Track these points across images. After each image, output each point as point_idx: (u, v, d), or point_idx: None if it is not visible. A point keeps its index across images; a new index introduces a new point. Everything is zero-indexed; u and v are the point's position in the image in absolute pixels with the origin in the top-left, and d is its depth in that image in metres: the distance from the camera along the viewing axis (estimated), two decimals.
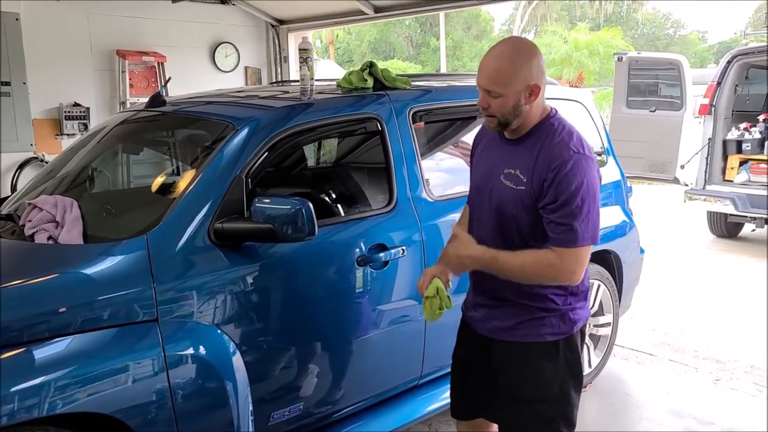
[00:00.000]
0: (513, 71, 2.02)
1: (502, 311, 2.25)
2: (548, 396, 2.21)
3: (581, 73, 25.06)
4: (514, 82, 2.02)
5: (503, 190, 2.14)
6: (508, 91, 2.03)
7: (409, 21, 34.40)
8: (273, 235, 2.36)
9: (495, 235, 2.20)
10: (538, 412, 2.21)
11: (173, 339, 2.25)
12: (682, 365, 4.44)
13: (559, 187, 2.00)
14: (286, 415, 2.64)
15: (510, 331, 2.24)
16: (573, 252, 2.03)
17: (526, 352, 2.21)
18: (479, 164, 2.33)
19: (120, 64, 6.95)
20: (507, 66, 2.03)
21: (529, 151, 2.10)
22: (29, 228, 2.53)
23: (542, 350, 2.20)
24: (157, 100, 3.20)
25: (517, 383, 2.24)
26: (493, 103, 2.06)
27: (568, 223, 2.01)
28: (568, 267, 2.05)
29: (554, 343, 2.20)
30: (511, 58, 2.04)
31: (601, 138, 4.16)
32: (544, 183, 2.03)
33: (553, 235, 2.05)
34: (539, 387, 2.21)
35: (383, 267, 2.86)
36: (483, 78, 2.06)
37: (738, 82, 8.03)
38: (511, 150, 2.17)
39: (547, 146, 2.07)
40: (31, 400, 1.94)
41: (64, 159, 3.30)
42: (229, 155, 2.56)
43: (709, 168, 8.02)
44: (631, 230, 4.15)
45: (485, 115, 2.12)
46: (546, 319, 2.20)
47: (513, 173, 2.12)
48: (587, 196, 2.01)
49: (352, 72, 3.28)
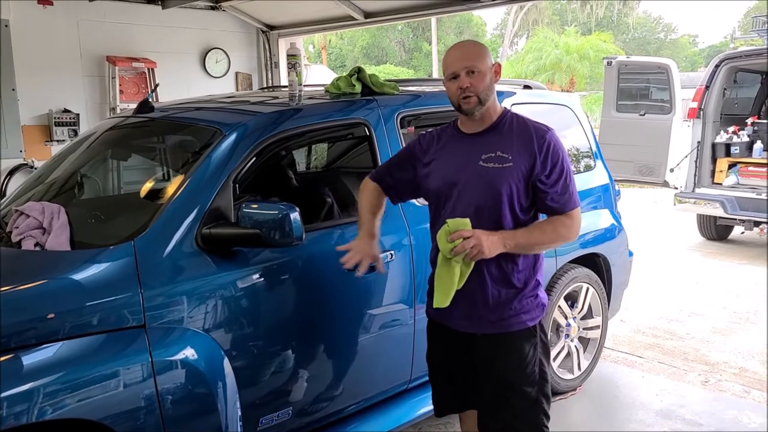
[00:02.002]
0: (482, 50, 2.33)
1: (483, 306, 2.33)
2: (531, 378, 2.36)
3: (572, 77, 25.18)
4: (485, 59, 2.30)
5: (489, 172, 2.28)
6: (484, 67, 2.27)
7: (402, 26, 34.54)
8: (261, 241, 2.37)
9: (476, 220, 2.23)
10: (525, 395, 2.35)
11: (161, 345, 2.25)
12: (671, 367, 4.46)
13: (552, 160, 2.27)
14: (275, 420, 2.64)
15: (494, 323, 2.34)
16: (576, 212, 2.34)
17: (511, 341, 2.34)
18: (441, 163, 2.40)
19: (110, 70, 6.93)
20: (475, 48, 2.34)
21: (502, 137, 2.32)
22: (16, 234, 2.52)
23: (524, 336, 2.37)
24: (145, 106, 3.20)
25: (507, 370, 2.35)
26: (474, 80, 2.26)
27: (566, 189, 2.29)
28: (577, 225, 2.36)
29: (533, 327, 2.38)
30: (473, 44, 2.38)
31: (589, 141, 4.18)
32: (537, 157, 2.26)
33: (556, 204, 2.30)
34: (524, 371, 2.35)
35: (372, 271, 2.86)
36: (460, 61, 2.28)
37: (726, 86, 8.09)
38: (479, 141, 2.34)
39: (523, 128, 2.32)
40: (19, 407, 1.94)
41: (52, 165, 3.30)
42: (217, 161, 2.57)
43: (699, 171, 8.06)
44: (620, 233, 4.18)
45: (463, 96, 2.27)
46: (524, 305, 2.34)
47: (494, 155, 2.28)
48: (568, 164, 2.33)
49: (340, 77, 3.29)
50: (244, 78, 8.24)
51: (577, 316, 3.95)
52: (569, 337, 3.90)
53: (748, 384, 4.20)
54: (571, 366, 3.93)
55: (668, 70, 8.27)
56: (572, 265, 3.83)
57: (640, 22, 39.65)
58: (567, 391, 3.91)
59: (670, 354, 4.71)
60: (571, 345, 3.92)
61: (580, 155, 4.13)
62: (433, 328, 2.54)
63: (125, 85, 7.06)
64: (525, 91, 3.98)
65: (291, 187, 3.49)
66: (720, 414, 3.79)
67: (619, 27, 37.59)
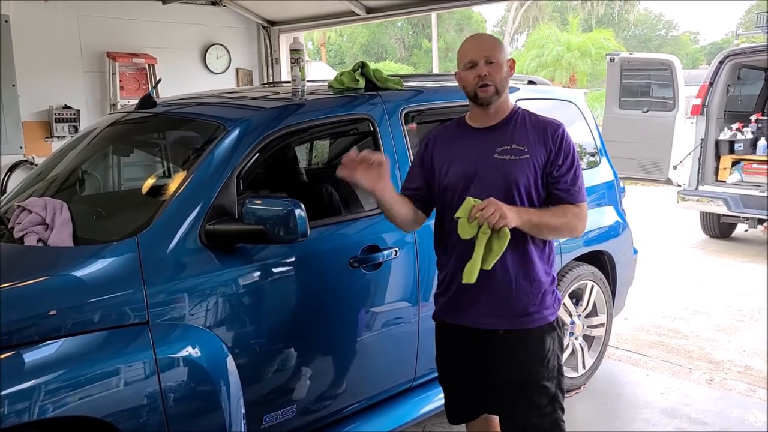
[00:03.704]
0: (498, 43, 2.35)
1: (509, 302, 2.31)
2: (550, 374, 2.35)
3: (573, 74, 25.14)
4: (502, 51, 2.31)
5: (505, 164, 2.28)
6: (501, 58, 2.29)
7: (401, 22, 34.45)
8: (265, 237, 2.34)
9: None
10: (545, 390, 2.33)
11: (164, 342, 2.22)
12: (675, 366, 4.44)
13: (565, 152, 2.29)
14: (278, 417, 2.62)
15: (521, 319, 2.32)
16: (584, 205, 2.34)
17: (535, 336, 2.33)
18: (455, 156, 2.37)
19: (110, 66, 6.90)
20: (492, 40, 2.37)
21: (516, 129, 2.33)
22: (18, 231, 2.50)
23: (546, 331, 2.36)
24: (147, 101, 3.17)
25: (529, 366, 2.33)
26: (492, 69, 2.26)
27: (575, 181, 2.31)
28: (585, 218, 2.35)
29: (553, 322, 2.38)
30: (490, 36, 2.43)
31: (594, 138, 4.16)
32: (552, 149, 2.28)
33: (566, 195, 2.30)
34: (546, 366, 2.34)
35: (376, 269, 2.85)
36: (480, 50, 2.28)
37: (730, 83, 8.06)
38: (492, 134, 2.34)
39: (533, 122, 2.34)
40: (21, 404, 1.92)
41: (53, 161, 3.28)
42: (220, 156, 2.54)
43: (702, 168, 8.04)
44: (625, 231, 4.16)
45: (481, 85, 2.26)
46: (546, 300, 2.34)
47: (510, 148, 2.29)
48: (577, 159, 2.35)
49: (344, 72, 3.26)
50: (245, 74, 8.21)
51: (582, 314, 3.93)
52: (574, 335, 3.88)
53: (753, 382, 4.18)
54: (575, 364, 3.91)
55: (671, 67, 8.25)
56: (577, 262, 3.80)
57: (641, 19, 39.59)
58: (571, 389, 3.88)
59: (675, 352, 4.68)
60: (576, 343, 3.90)
61: (584, 152, 4.09)
62: (442, 331, 2.49)
63: (126, 81, 7.03)
64: (529, 87, 3.95)
65: (295, 182, 3.46)
66: (725, 412, 3.77)
67: (620, 24, 37.53)
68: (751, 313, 5.53)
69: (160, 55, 7.22)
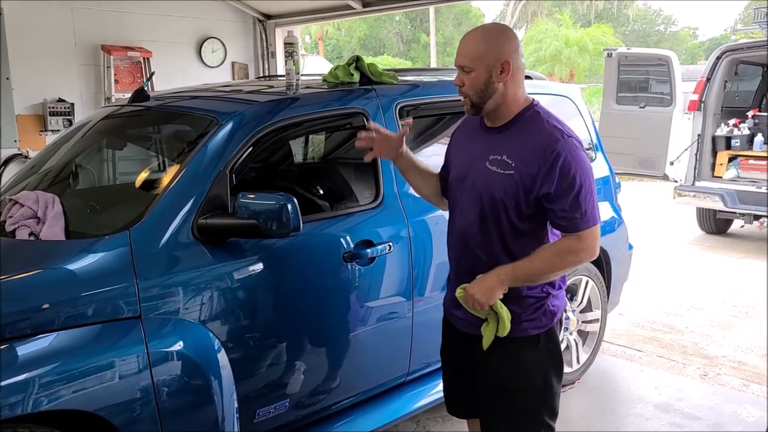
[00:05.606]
0: (482, 46, 2.10)
1: None
2: (531, 386, 2.23)
3: (572, 69, 25.12)
4: (484, 57, 2.08)
5: (489, 176, 2.14)
6: (479, 65, 2.09)
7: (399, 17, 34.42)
8: (257, 231, 2.33)
9: (479, 222, 2.19)
10: (522, 402, 2.24)
11: (157, 336, 2.22)
12: (670, 361, 4.45)
13: (561, 172, 2.03)
14: (271, 412, 2.62)
15: None
16: (589, 232, 2.08)
17: (509, 346, 2.21)
18: (460, 154, 2.33)
19: (105, 60, 6.88)
20: (477, 42, 2.12)
21: (515, 138, 2.13)
22: (10, 224, 2.49)
23: (525, 343, 2.23)
24: (141, 95, 3.16)
25: (501, 374, 2.24)
26: (466, 79, 2.12)
27: (578, 207, 2.04)
28: (589, 246, 2.10)
29: (537, 336, 2.23)
30: (481, 36, 2.14)
31: (589, 133, 4.15)
32: (540, 169, 2.04)
33: (565, 223, 2.07)
34: (522, 377, 2.23)
35: (370, 263, 2.84)
36: (458, 57, 2.14)
37: (727, 78, 8.04)
38: (495, 138, 2.18)
39: (536, 133, 2.10)
40: (14, 397, 1.92)
41: (46, 154, 3.26)
42: (213, 150, 2.53)
43: (699, 164, 8.03)
44: (620, 226, 4.16)
45: (461, 94, 2.17)
46: (527, 312, 2.21)
47: (499, 159, 2.12)
48: (586, 178, 2.06)
49: (339, 66, 3.25)
50: (241, 68, 8.19)
51: (576, 309, 3.93)
52: (568, 330, 3.88)
53: (746, 378, 4.18)
54: (569, 359, 3.91)
55: (669, 62, 8.23)
56: None
57: (640, 15, 39.57)
58: (565, 384, 3.89)
59: (669, 348, 4.69)
60: (570, 338, 3.90)
61: None
62: (446, 324, 2.47)
63: (120, 75, 7.01)
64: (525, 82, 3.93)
65: (288, 177, 3.46)
66: (719, 407, 3.78)
67: (619, 19, 37.50)
68: (746, 308, 5.54)
69: (155, 49, 7.20)
